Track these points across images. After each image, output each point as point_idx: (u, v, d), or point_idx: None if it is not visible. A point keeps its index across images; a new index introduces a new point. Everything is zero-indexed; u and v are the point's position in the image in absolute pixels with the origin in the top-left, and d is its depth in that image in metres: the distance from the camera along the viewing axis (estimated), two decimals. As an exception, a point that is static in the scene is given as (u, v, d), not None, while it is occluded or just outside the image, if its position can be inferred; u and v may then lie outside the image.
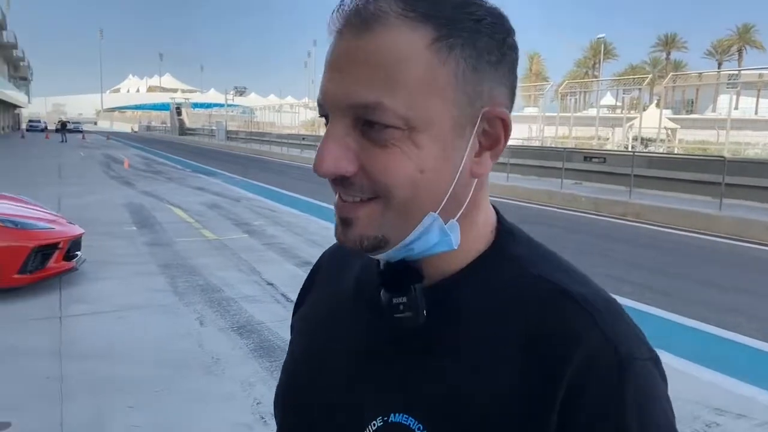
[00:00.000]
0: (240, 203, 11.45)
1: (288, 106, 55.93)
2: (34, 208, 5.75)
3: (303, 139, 32.03)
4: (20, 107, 66.56)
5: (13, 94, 48.30)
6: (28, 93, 69.62)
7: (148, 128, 79.91)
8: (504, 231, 0.59)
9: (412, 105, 0.49)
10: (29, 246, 4.80)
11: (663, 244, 8.93)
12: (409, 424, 0.52)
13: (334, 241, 0.57)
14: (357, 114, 0.49)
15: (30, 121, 65.50)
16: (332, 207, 0.56)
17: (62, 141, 37.14)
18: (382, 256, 0.55)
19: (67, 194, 11.29)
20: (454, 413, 0.51)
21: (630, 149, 20.30)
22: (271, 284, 5.58)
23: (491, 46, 0.51)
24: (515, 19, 0.55)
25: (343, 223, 0.53)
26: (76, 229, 5.51)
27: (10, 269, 4.68)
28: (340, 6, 0.51)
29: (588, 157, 14.88)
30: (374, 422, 0.54)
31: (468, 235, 0.55)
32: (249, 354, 3.88)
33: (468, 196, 0.54)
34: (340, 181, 0.52)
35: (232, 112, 65.41)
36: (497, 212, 0.60)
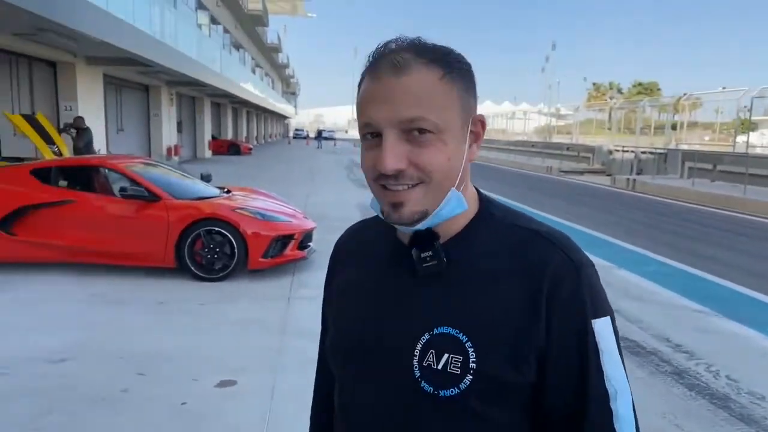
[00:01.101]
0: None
1: (520, 113, 55.23)
2: (280, 203, 6.74)
3: (532, 146, 31.34)
4: (289, 118, 78.39)
5: (284, 107, 57.15)
6: (295, 105, 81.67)
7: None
8: (485, 200, 0.85)
9: (440, 116, 0.74)
10: (271, 235, 5.66)
11: None
12: (449, 331, 0.76)
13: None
14: (403, 127, 0.73)
15: (296, 129, 76.77)
16: (547, 216, 0.83)
17: (318, 147, 42.65)
18: (419, 226, 0.77)
19: (314, 192, 12.95)
20: (478, 320, 0.75)
21: None
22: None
23: (468, 76, 0.79)
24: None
25: (395, 206, 0.76)
26: (310, 223, 6.30)
27: (256, 253, 5.58)
28: (376, 60, 0.76)
29: None
30: (422, 337, 0.77)
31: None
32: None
33: (467, 175, 0.80)
34: (395, 176, 0.74)
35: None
36: (476, 188, 0.86)
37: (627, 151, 22.47)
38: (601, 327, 0.75)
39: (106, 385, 3.34)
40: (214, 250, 5.56)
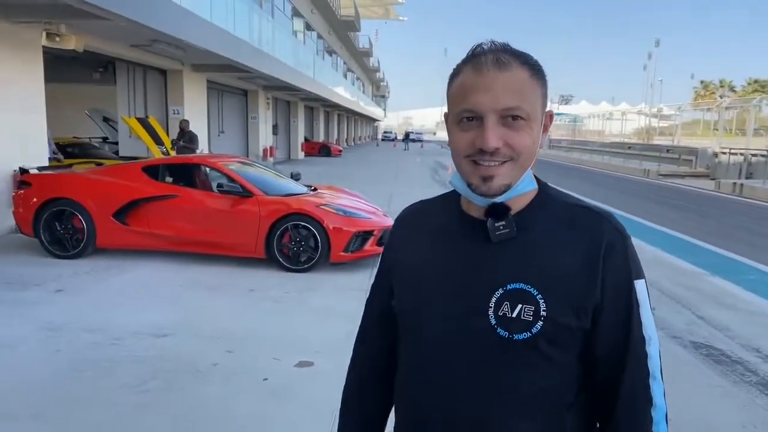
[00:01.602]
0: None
1: (619, 113, 52.56)
2: (362, 201, 7.02)
3: (629, 148, 29.79)
4: (378, 120, 79.69)
5: (374, 110, 58.30)
6: (384, 108, 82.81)
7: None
8: (541, 183, 1.00)
9: (530, 107, 0.90)
10: (352, 231, 5.94)
11: None
12: (522, 287, 0.90)
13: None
14: (501, 114, 0.89)
15: (384, 132, 77.89)
16: (641, 221, 2.37)
17: (405, 149, 43.07)
18: (499, 198, 0.92)
19: (397, 193, 13.21)
20: (547, 277, 0.91)
21: None
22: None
23: (545, 78, 0.94)
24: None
25: (486, 180, 0.91)
26: (389, 221, 6.52)
27: (338, 247, 5.88)
28: (479, 56, 0.91)
29: None
30: (497, 292, 0.91)
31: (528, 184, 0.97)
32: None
33: (535, 158, 0.95)
34: (491, 153, 0.89)
35: (558, 120, 64.99)
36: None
37: (735, 153, 20.81)
38: (641, 286, 0.93)
39: (200, 359, 3.73)
40: (300, 243, 5.93)
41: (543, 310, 0.89)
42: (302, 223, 5.92)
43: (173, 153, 10.78)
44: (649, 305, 0.94)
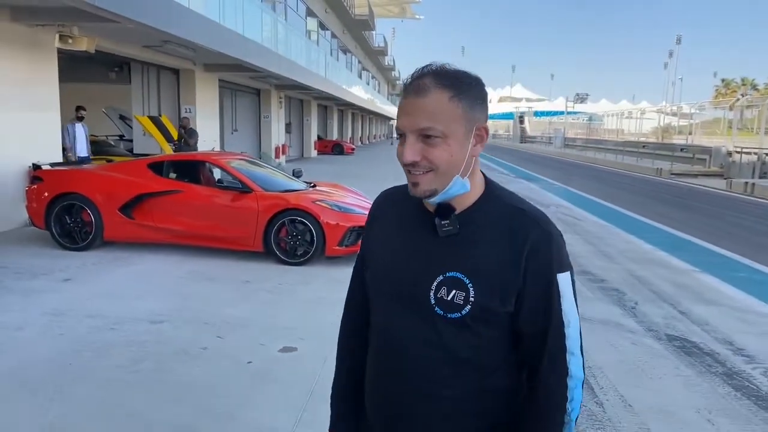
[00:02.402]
0: (548, 209, 11.56)
1: (637, 112, 52.00)
2: (359, 197, 7.22)
3: (643, 146, 29.57)
4: (393, 119, 79.69)
5: (389, 109, 58.40)
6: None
7: (494, 136, 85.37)
8: (489, 185, 1.17)
9: (446, 126, 1.06)
10: (347, 226, 6.14)
11: None
12: (457, 275, 1.09)
13: (629, 256, 2.75)
14: (419, 132, 1.06)
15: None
16: (640, 218, 5.34)
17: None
18: (433, 200, 1.10)
19: (404, 191, 13.38)
20: (478, 268, 1.08)
21: None
22: (537, 285, 5.70)
23: (477, 95, 1.09)
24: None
25: (414, 185, 1.09)
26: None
27: (333, 241, 6.10)
28: (406, 84, 1.09)
29: None
30: (438, 278, 1.10)
31: (473, 186, 1.13)
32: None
33: (471, 167, 1.11)
34: (411, 165, 1.07)
35: (575, 119, 64.46)
36: (484, 175, 1.19)
37: (749, 152, 20.58)
38: (563, 279, 1.09)
39: (190, 343, 3.97)
40: (296, 237, 6.15)
41: (472, 296, 1.07)
42: (299, 218, 6.14)
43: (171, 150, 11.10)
44: (573, 294, 1.10)
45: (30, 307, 4.60)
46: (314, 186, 7.25)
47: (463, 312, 1.07)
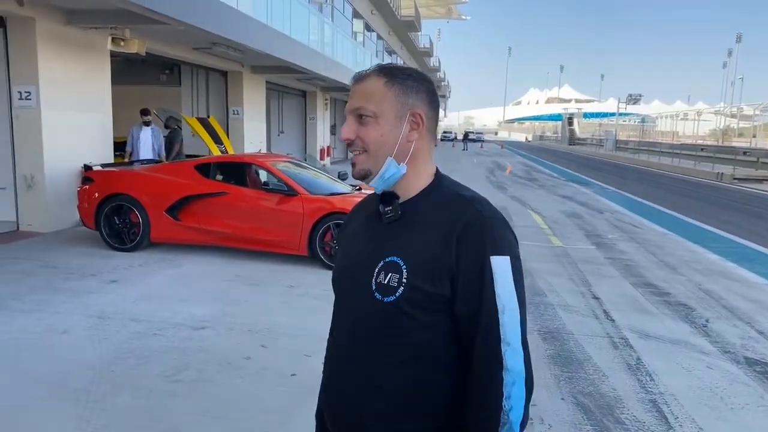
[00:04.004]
0: (602, 215, 11.07)
1: (693, 113, 49.86)
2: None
3: (701, 149, 28.22)
4: (438, 120, 79.06)
5: (434, 110, 57.82)
6: (445, 108, 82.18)
7: (541, 138, 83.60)
8: (439, 176, 1.21)
9: (377, 107, 1.14)
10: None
11: None
12: (394, 259, 1.10)
13: (694, 267, 3.36)
14: (355, 112, 1.16)
15: (443, 132, 77.26)
16: (703, 226, 6.68)
17: (464, 149, 42.64)
18: (371, 183, 1.17)
19: (450, 194, 13.10)
20: (412, 252, 1.09)
21: None
22: (597, 298, 5.36)
23: (414, 84, 1.16)
24: None
25: (353, 165, 1.18)
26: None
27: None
28: (354, 76, 1.18)
29: None
30: (381, 262, 1.11)
31: (416, 176, 1.17)
32: (543, 359, 3.90)
33: (409, 152, 1.16)
34: (349, 144, 1.16)
35: (625, 120, 62.38)
36: (437, 168, 1.22)
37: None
38: (498, 262, 1.06)
39: (233, 352, 3.84)
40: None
41: (404, 278, 1.07)
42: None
43: (232, 152, 11.16)
44: (512, 279, 1.06)
45: (76, 308, 4.59)
46: (359, 189, 7.08)
47: (397, 294, 1.07)
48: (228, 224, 6.31)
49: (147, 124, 8.98)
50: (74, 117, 7.78)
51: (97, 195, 6.53)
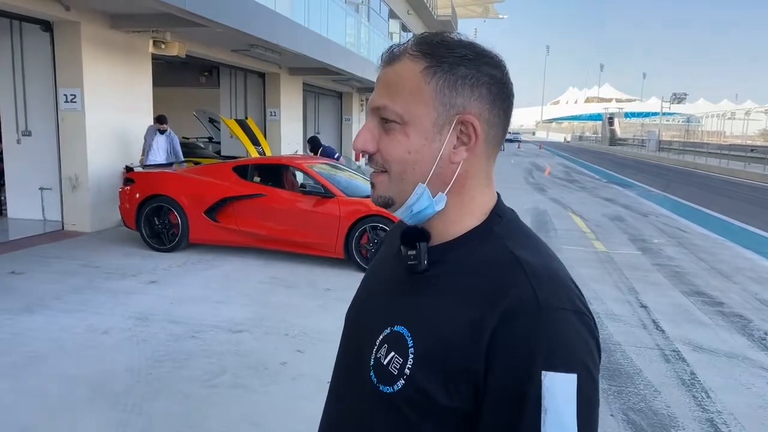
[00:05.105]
0: (647, 218, 10.68)
1: (742, 112, 47.98)
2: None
3: (751, 150, 27.08)
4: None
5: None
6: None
7: (580, 138, 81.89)
8: (495, 214, 0.79)
9: (405, 108, 0.74)
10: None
11: None
12: (403, 332, 0.74)
13: (749, 275, 0.91)
14: (378, 113, 0.76)
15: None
16: (757, 231, 5.03)
17: (501, 149, 42.04)
18: (396, 213, 0.79)
19: (487, 196, 12.85)
20: (428, 328, 0.72)
21: None
22: (644, 307, 5.11)
23: (468, 73, 0.74)
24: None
25: (372, 186, 0.79)
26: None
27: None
28: (384, 52, 0.78)
29: None
30: (385, 330, 0.77)
31: (461, 211, 0.78)
32: (590, 371, 3.71)
33: (452, 177, 0.76)
34: (369, 157, 0.78)
35: (669, 120, 60.49)
36: (499, 200, 0.81)
37: None
38: (555, 382, 0.64)
39: (269, 356, 3.79)
40: (378, 244, 5.89)
41: (407, 367, 0.71)
42: (380, 225, 5.89)
43: (270, 153, 11.22)
44: (574, 414, 0.64)
45: (117, 308, 4.63)
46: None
47: (396, 387, 0.72)
48: (265, 226, 6.31)
49: (162, 132, 8.20)
50: (117, 119, 7.93)
51: (138, 196, 6.62)
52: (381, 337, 0.76)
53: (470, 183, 0.77)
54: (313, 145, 9.19)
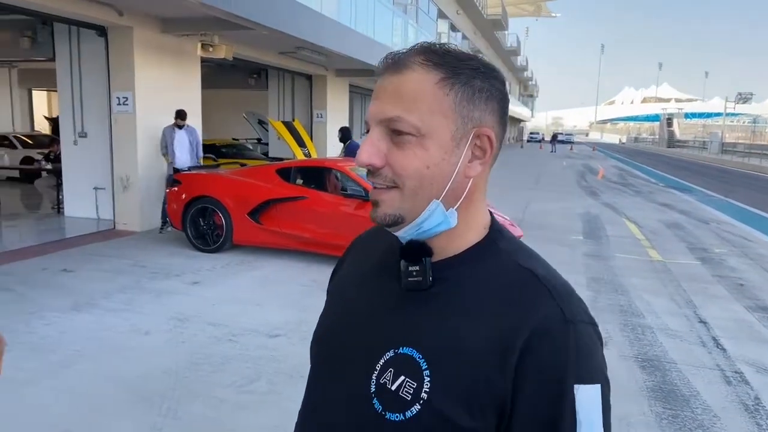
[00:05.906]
0: (707, 226, 10.11)
1: (813, 113, 45.06)
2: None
3: (824, 153, 25.37)
4: (524, 121, 77.16)
5: (520, 111, 56.48)
6: (532, 108, 79.87)
7: (636, 139, 79.12)
8: (495, 230, 0.78)
9: (423, 120, 0.70)
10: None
11: None
12: (413, 354, 0.71)
13: None
14: (387, 125, 0.71)
15: (531, 133, 75.19)
16: None
17: (552, 151, 41.09)
18: (400, 233, 0.74)
19: (536, 199, 12.52)
20: (445, 350, 0.69)
21: None
22: (703, 322, 4.78)
23: (483, 86, 0.72)
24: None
25: (374, 204, 0.74)
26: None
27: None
28: (385, 58, 0.74)
29: None
30: (387, 354, 0.72)
31: (466, 226, 0.75)
32: (642, 391, 3.48)
33: (464, 192, 0.73)
34: (371, 172, 0.72)
35: (733, 121, 57.54)
36: (492, 216, 0.80)
37: None
38: (586, 395, 0.66)
39: (305, 363, 3.68)
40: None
41: (425, 391, 0.68)
42: (423, 230, 5.76)
43: (315, 155, 11.28)
44: (603, 424, 0.66)
45: (159, 309, 4.69)
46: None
47: (409, 414, 0.68)
48: (307, 228, 6.29)
49: (180, 127, 7.73)
50: (167, 121, 8.11)
51: (183, 197, 6.74)
52: (383, 361, 0.72)
53: (475, 199, 0.76)
54: (343, 135, 8.97)
